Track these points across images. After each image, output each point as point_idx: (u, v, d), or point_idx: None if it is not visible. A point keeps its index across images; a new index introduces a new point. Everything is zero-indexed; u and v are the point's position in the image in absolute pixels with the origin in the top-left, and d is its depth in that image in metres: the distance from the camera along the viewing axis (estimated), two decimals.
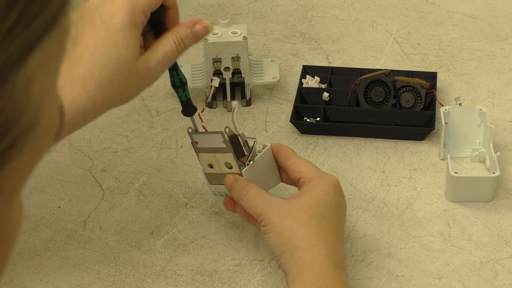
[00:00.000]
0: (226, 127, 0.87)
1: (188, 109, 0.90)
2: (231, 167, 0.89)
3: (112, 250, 0.94)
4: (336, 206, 0.87)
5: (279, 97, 1.16)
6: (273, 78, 1.14)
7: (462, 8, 1.33)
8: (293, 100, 1.12)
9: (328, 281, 0.80)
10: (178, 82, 0.88)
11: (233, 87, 1.14)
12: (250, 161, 0.89)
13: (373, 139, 1.09)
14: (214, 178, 0.91)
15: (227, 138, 0.87)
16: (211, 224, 0.97)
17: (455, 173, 0.98)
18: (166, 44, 0.83)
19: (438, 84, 1.15)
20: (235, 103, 0.88)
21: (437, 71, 1.17)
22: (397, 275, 0.91)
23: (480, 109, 1.04)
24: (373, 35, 1.28)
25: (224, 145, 0.87)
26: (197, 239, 0.96)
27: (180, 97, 0.89)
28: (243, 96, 1.14)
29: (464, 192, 0.98)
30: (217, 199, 1.00)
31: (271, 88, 1.18)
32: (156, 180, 1.03)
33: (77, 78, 0.78)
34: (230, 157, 0.88)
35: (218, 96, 1.15)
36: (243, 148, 0.89)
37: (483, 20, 1.30)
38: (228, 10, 1.35)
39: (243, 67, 1.12)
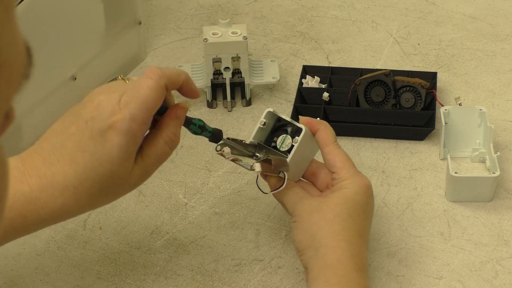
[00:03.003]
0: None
1: (217, 135, 0.86)
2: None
3: (112, 250, 0.94)
4: (365, 206, 0.86)
5: (279, 97, 1.16)
6: (273, 78, 1.14)
7: (462, 8, 1.33)
8: (293, 100, 1.12)
9: (351, 284, 0.80)
10: (199, 129, 0.85)
11: (233, 87, 1.14)
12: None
13: (373, 139, 1.09)
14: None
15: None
16: (211, 224, 0.97)
17: (455, 173, 0.98)
18: (159, 149, 0.81)
19: (438, 84, 1.15)
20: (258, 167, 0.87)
21: (437, 71, 1.17)
22: (397, 275, 0.91)
23: (480, 109, 1.04)
24: (373, 35, 1.28)
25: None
26: (197, 239, 0.96)
27: (206, 136, 0.86)
28: (243, 96, 1.14)
29: (464, 192, 0.98)
30: (217, 199, 1.00)
31: (271, 88, 1.18)
32: (156, 180, 1.03)
33: (69, 186, 0.78)
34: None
35: (218, 96, 1.15)
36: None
37: (483, 20, 1.30)
38: (228, 10, 1.35)
39: (243, 67, 1.12)
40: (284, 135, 0.90)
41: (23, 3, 0.98)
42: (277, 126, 0.92)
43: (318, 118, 0.94)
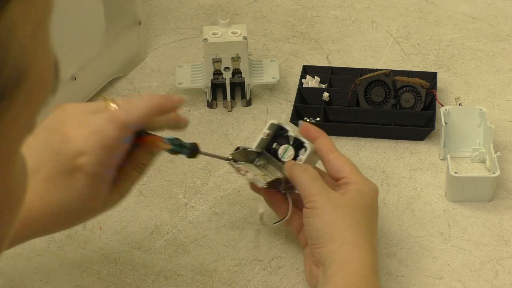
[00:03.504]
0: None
1: (195, 150, 0.85)
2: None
3: (112, 250, 0.94)
4: (377, 213, 0.88)
5: (279, 97, 1.16)
6: (273, 78, 1.14)
7: (462, 8, 1.33)
8: (293, 100, 1.12)
9: (370, 286, 0.81)
10: (178, 147, 0.83)
11: (233, 87, 1.14)
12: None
13: (373, 139, 1.09)
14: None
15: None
16: (211, 224, 0.97)
17: (455, 173, 0.98)
18: (131, 177, 0.81)
19: (438, 84, 1.15)
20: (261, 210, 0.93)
21: (437, 71, 1.17)
22: (397, 275, 0.91)
23: (480, 109, 1.04)
24: (373, 35, 1.28)
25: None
26: (197, 239, 0.96)
27: (184, 153, 0.84)
28: (243, 96, 1.14)
29: (464, 192, 0.98)
30: (217, 199, 1.00)
31: (271, 88, 1.18)
32: (156, 180, 1.03)
33: (47, 212, 0.77)
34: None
35: (218, 96, 1.15)
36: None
37: (483, 20, 1.30)
38: (228, 10, 1.35)
39: (243, 67, 1.12)
40: (287, 145, 0.92)
41: None
42: (279, 134, 0.94)
43: (310, 117, 0.94)
